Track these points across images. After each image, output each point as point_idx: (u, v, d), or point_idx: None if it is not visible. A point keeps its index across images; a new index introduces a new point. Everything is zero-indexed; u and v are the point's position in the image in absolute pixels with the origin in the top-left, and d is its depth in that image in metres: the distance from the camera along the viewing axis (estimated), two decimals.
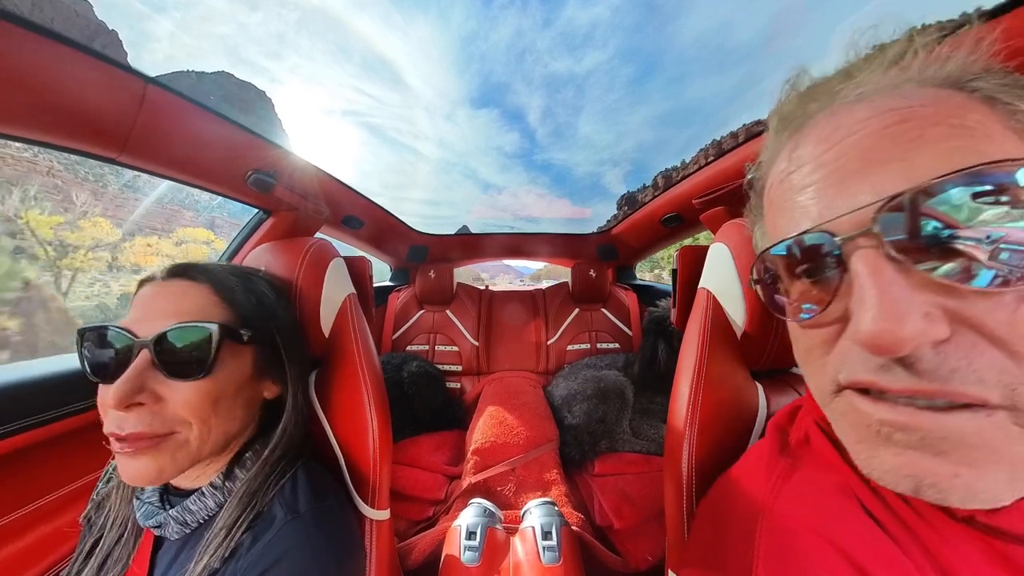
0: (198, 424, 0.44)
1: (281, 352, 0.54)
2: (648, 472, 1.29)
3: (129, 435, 0.41)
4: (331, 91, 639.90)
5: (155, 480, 0.43)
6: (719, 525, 0.41)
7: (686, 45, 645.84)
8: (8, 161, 33.15)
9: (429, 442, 1.50)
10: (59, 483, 0.76)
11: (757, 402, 0.59)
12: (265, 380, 0.54)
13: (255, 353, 0.52)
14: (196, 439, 0.44)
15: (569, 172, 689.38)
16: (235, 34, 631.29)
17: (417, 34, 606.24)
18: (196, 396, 0.44)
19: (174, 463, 0.43)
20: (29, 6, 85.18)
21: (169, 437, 0.43)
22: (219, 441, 0.48)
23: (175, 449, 0.43)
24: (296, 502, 0.48)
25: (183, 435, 0.44)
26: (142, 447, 0.41)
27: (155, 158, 0.86)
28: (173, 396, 0.43)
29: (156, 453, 0.42)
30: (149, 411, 0.42)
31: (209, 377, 0.45)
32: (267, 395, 0.55)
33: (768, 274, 0.33)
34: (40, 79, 0.61)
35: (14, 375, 0.73)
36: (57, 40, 0.59)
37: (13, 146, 7.18)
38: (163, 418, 0.42)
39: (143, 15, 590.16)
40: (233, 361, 0.48)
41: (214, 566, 0.43)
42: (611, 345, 2.07)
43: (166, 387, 0.43)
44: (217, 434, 0.47)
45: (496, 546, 0.90)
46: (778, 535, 0.33)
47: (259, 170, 1.04)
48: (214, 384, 0.45)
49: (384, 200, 1.58)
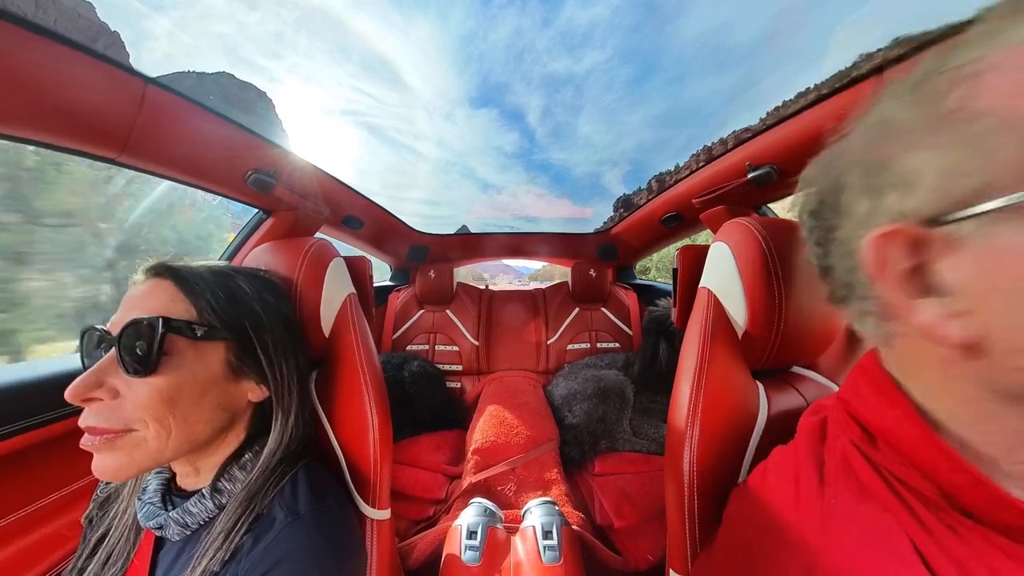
0: (153, 424, 0.43)
1: (257, 351, 0.51)
2: (648, 471, 1.29)
3: (87, 428, 0.42)
4: (330, 90, 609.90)
5: (116, 476, 0.44)
6: (755, 551, 0.38)
7: (685, 45, 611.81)
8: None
9: (429, 442, 1.50)
10: (60, 483, 0.77)
11: (758, 402, 0.59)
12: (245, 381, 0.51)
13: (227, 351, 0.49)
14: (154, 439, 0.43)
15: (568, 172, 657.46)
16: (234, 33, 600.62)
17: (416, 33, 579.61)
18: (149, 394, 0.43)
19: (132, 461, 0.43)
20: (33, 7, 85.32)
21: (126, 435, 0.43)
22: (183, 444, 0.46)
23: (132, 448, 0.43)
24: (296, 503, 0.48)
25: (140, 433, 0.43)
26: (101, 443, 0.42)
27: (155, 158, 0.86)
28: (129, 393, 0.43)
29: (113, 450, 0.43)
30: (106, 406, 0.42)
31: (160, 375, 0.43)
32: (252, 398, 0.52)
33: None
34: (40, 79, 0.61)
35: (15, 375, 0.73)
36: (57, 40, 0.59)
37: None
38: (119, 415, 0.42)
39: (142, 14, 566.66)
40: (195, 359, 0.46)
41: (214, 569, 0.42)
42: (611, 345, 2.07)
43: (125, 384, 0.43)
44: (179, 436, 0.45)
45: (497, 545, 0.91)
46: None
47: (259, 170, 1.04)
48: (167, 382, 0.44)
49: (383, 200, 1.58)
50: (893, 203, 0.28)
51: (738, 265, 0.59)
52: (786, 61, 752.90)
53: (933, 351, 0.29)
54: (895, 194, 0.28)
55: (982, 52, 0.24)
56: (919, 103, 0.26)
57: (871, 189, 0.30)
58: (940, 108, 0.25)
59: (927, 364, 0.30)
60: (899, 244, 0.27)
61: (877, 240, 0.28)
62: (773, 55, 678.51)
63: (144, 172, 0.89)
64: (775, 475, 0.42)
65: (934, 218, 0.25)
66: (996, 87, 0.22)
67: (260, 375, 0.52)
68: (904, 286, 0.28)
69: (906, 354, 0.33)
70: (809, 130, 0.90)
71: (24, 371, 0.75)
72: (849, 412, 0.38)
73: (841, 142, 0.35)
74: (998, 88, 0.22)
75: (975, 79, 0.23)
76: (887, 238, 0.27)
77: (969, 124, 0.23)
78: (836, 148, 0.35)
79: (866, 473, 0.34)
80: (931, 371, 0.30)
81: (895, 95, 0.29)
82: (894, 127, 0.28)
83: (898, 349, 0.33)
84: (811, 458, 0.38)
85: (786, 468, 0.41)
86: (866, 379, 0.37)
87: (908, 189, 0.27)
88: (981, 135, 0.23)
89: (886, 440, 0.34)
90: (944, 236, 0.25)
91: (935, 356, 0.29)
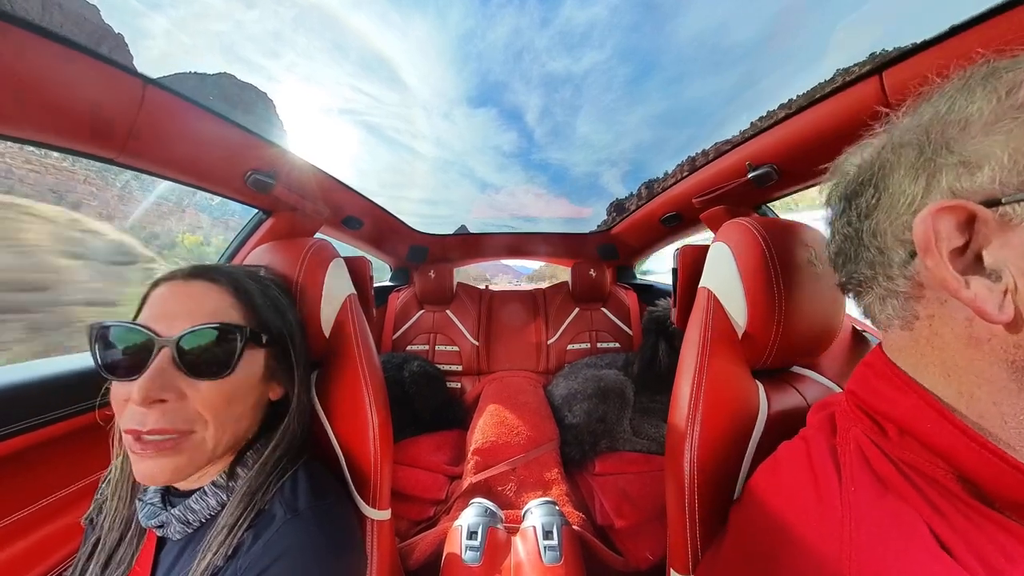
0: (214, 423, 0.45)
1: (291, 355, 0.55)
2: (649, 471, 1.29)
3: (151, 430, 0.42)
4: (328, 89, 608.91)
5: (171, 479, 0.44)
6: (776, 542, 0.38)
7: (684, 45, 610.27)
8: (51, 171, 34.17)
9: (430, 442, 1.50)
10: (61, 484, 0.76)
11: (758, 401, 0.59)
12: (272, 382, 0.55)
13: (267, 356, 0.53)
14: (212, 438, 0.46)
15: (567, 172, 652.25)
16: (231, 31, 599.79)
17: (415, 32, 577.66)
18: (216, 395, 0.45)
19: (191, 462, 0.45)
20: (39, 11, 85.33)
21: (188, 436, 0.44)
22: (230, 441, 0.49)
23: (193, 449, 0.45)
24: (296, 500, 0.48)
25: (199, 435, 0.45)
26: (164, 447, 0.43)
27: (154, 158, 0.86)
28: (194, 394, 0.44)
29: (175, 453, 0.43)
30: (172, 408, 0.43)
31: (230, 377, 0.46)
32: (272, 396, 0.56)
33: None
34: (39, 79, 0.61)
35: (16, 375, 0.73)
36: (56, 41, 0.59)
37: (52, 155, 7.29)
38: (184, 415, 0.44)
39: (139, 12, 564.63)
40: (248, 362, 0.49)
41: (217, 564, 0.43)
42: (611, 344, 2.07)
43: (188, 385, 0.44)
44: (229, 434, 0.48)
45: (497, 546, 0.91)
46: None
47: (258, 170, 1.04)
48: (231, 385, 0.47)
49: (382, 199, 1.58)
50: (952, 181, 0.29)
51: (738, 265, 0.59)
52: (785, 61, 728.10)
53: (958, 330, 0.30)
54: (955, 173, 0.29)
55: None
56: (991, 94, 0.28)
57: (928, 168, 0.31)
58: (1012, 99, 0.27)
59: (949, 343, 0.31)
60: (952, 220, 0.28)
61: (934, 214, 0.29)
62: (772, 55, 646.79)
63: (144, 172, 0.89)
64: (788, 469, 0.42)
65: (994, 199, 0.27)
66: None
67: (285, 376, 0.55)
68: (953, 262, 0.29)
69: (925, 335, 0.33)
70: (808, 130, 0.90)
71: (25, 371, 0.75)
72: (859, 405, 0.39)
73: (890, 129, 0.36)
74: None
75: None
76: (944, 212, 0.28)
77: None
78: (882, 135, 0.37)
79: (880, 463, 0.35)
80: (952, 350, 0.31)
81: (963, 88, 0.31)
82: (961, 113, 0.30)
83: (916, 331, 0.34)
84: (825, 451, 0.39)
85: (799, 461, 0.41)
86: (874, 373, 0.38)
87: (971, 169, 0.28)
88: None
89: (901, 428, 0.34)
90: (1000, 216, 0.27)
91: (959, 335, 0.30)
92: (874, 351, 0.40)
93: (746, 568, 0.40)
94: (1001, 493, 0.29)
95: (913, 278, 0.33)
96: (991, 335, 0.29)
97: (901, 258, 0.33)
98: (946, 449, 0.31)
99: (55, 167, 46.91)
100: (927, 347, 0.33)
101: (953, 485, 0.31)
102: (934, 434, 0.32)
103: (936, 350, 0.33)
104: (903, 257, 0.33)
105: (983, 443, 0.29)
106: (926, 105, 0.33)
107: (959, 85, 0.31)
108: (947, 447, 0.31)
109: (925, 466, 0.32)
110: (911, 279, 0.33)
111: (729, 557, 0.44)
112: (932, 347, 0.33)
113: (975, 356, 0.30)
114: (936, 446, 0.32)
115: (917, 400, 0.33)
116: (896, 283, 0.34)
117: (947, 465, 0.32)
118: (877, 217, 0.35)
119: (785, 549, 0.36)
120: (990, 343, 0.29)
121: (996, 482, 0.29)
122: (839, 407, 0.42)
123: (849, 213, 0.38)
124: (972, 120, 0.29)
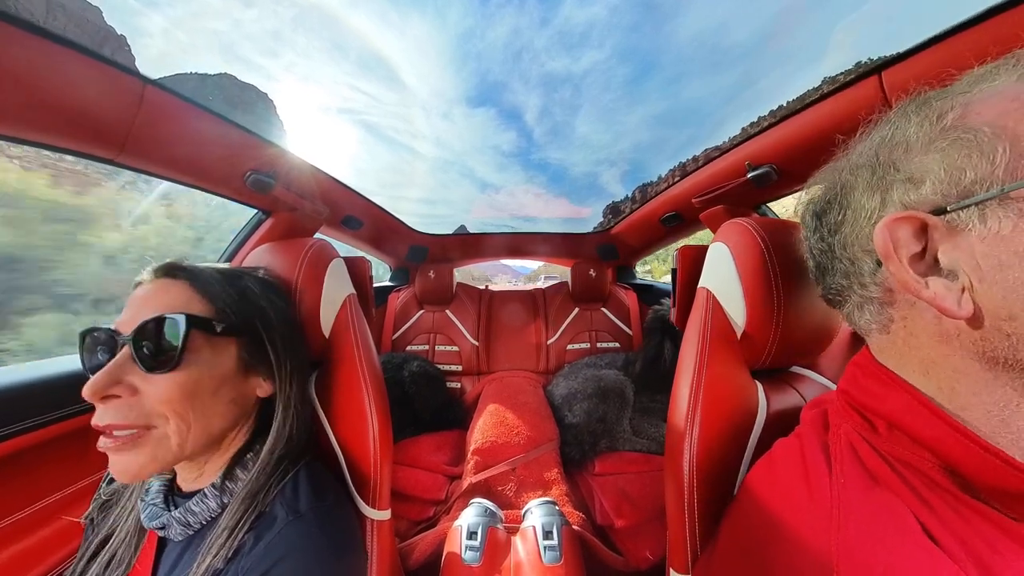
0: (175, 418, 0.44)
1: (267, 347, 0.54)
2: (648, 471, 1.29)
3: (107, 425, 0.42)
4: (327, 89, 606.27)
5: (138, 476, 0.44)
6: (769, 537, 0.38)
7: (683, 45, 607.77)
8: (65, 174, 34.92)
9: (429, 442, 1.50)
10: (61, 484, 0.76)
11: (757, 401, 0.59)
12: (255, 377, 0.53)
13: (239, 347, 0.51)
14: (175, 434, 0.45)
15: (566, 172, 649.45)
16: (230, 31, 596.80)
17: (413, 32, 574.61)
18: (170, 389, 0.44)
19: (155, 459, 0.44)
20: (44, 13, 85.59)
21: (148, 432, 0.44)
22: (201, 438, 0.47)
23: (155, 445, 0.44)
24: (297, 502, 0.48)
25: (161, 430, 0.44)
26: (123, 442, 0.43)
27: (154, 159, 0.86)
28: (148, 389, 0.44)
29: (136, 449, 0.43)
30: (126, 403, 0.43)
31: (181, 370, 0.45)
32: (260, 393, 0.54)
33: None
34: (39, 79, 0.61)
35: (16, 376, 0.73)
36: (55, 41, 0.59)
37: (66, 159, 7.48)
38: (139, 411, 0.43)
39: (136, 11, 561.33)
40: (211, 355, 0.48)
41: (217, 566, 0.43)
42: (611, 344, 2.07)
43: (143, 380, 0.44)
44: (198, 430, 0.46)
45: (497, 546, 0.91)
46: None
47: (258, 170, 1.04)
48: (188, 377, 0.45)
49: (381, 199, 1.58)
50: (902, 195, 0.33)
51: (737, 266, 0.59)
52: (785, 61, 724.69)
53: (930, 329, 0.33)
54: (903, 188, 0.33)
55: (970, 89, 0.32)
56: (924, 120, 0.33)
57: (881, 186, 0.35)
58: (942, 123, 0.32)
59: (924, 342, 0.34)
60: (908, 229, 0.32)
61: (890, 224, 0.32)
62: (771, 55, 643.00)
63: (143, 172, 0.89)
64: (782, 464, 0.44)
65: (940, 208, 0.31)
66: (983, 111, 0.30)
67: (268, 371, 0.54)
68: (913, 266, 0.32)
69: (902, 337, 0.36)
70: (807, 130, 0.90)
71: (24, 372, 0.75)
72: (850, 403, 0.40)
73: (848, 154, 0.41)
74: (984, 112, 0.30)
75: (966, 105, 0.31)
76: (898, 222, 0.32)
77: (965, 133, 0.30)
78: (842, 159, 0.41)
79: (870, 458, 0.36)
80: (927, 348, 0.34)
81: (901, 115, 0.36)
82: (902, 136, 0.34)
83: (893, 333, 0.37)
84: (817, 446, 0.40)
85: (793, 457, 0.42)
86: (862, 372, 0.40)
87: (916, 184, 0.32)
88: (975, 141, 0.29)
89: (890, 423, 0.36)
90: (947, 223, 0.31)
91: (932, 333, 0.33)
92: (862, 352, 0.42)
93: (742, 562, 0.41)
94: (985, 482, 0.31)
95: (883, 284, 0.36)
96: (958, 331, 0.31)
97: (870, 267, 0.37)
98: (932, 441, 0.33)
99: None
100: (905, 347, 0.36)
101: (940, 477, 0.33)
102: (921, 427, 0.34)
103: (913, 349, 0.35)
104: (871, 266, 0.36)
105: (966, 432, 0.31)
106: (875, 131, 0.38)
107: (899, 112, 0.36)
108: (933, 439, 0.33)
109: (913, 459, 0.34)
110: (881, 285, 0.36)
111: (725, 552, 0.45)
112: (909, 347, 0.35)
113: (948, 352, 0.32)
114: (923, 438, 0.34)
115: (903, 395, 0.35)
116: (869, 290, 0.37)
117: (933, 457, 0.33)
118: (844, 231, 0.39)
119: (778, 543, 0.37)
120: (959, 338, 0.31)
121: (980, 471, 0.31)
122: (832, 405, 0.44)
123: (821, 230, 0.42)
124: (912, 142, 0.33)
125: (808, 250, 0.45)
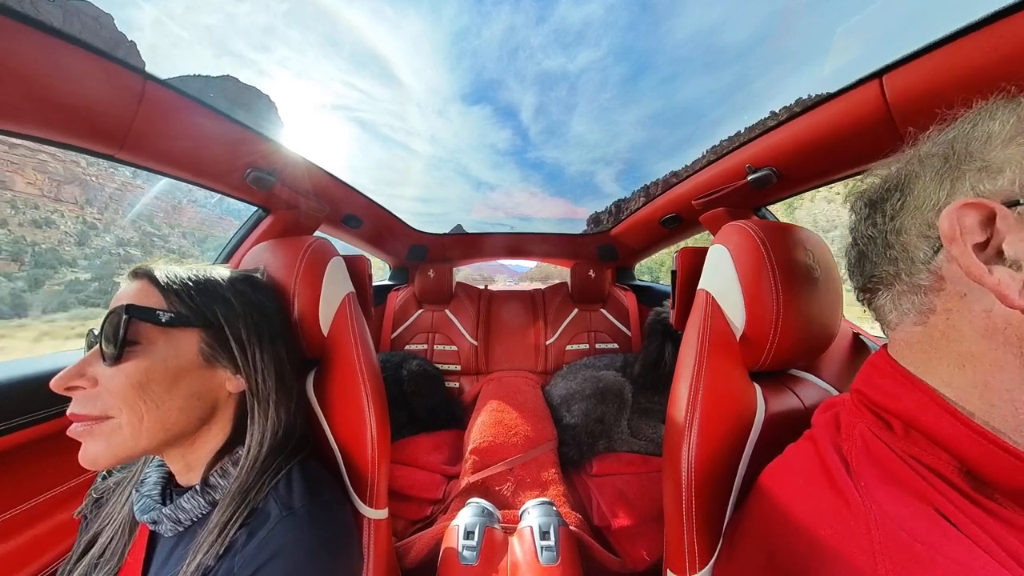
0: (126, 410, 0.45)
1: (229, 339, 0.52)
2: (646, 472, 1.29)
3: (72, 415, 0.45)
4: (321, 85, 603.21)
5: (95, 463, 0.45)
6: (790, 555, 0.38)
7: (679, 44, 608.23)
8: (89, 172, 34.87)
9: (427, 442, 1.49)
10: (56, 481, 0.76)
11: (755, 403, 0.59)
12: (220, 370, 0.52)
13: (200, 339, 0.50)
14: (127, 425, 0.45)
15: (562, 171, 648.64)
16: (222, 25, 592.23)
17: (408, 28, 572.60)
18: (119, 380, 0.45)
19: (109, 448, 0.45)
20: (60, 19, 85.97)
21: (103, 422, 0.45)
22: (157, 431, 0.46)
23: (109, 434, 0.45)
24: (291, 498, 0.48)
25: (116, 420, 0.45)
26: (83, 430, 0.45)
27: (154, 155, 0.86)
28: (105, 381, 0.45)
29: (92, 436, 0.45)
30: (86, 394, 0.45)
31: (129, 360, 0.45)
32: (230, 388, 0.52)
33: None
34: (39, 74, 0.61)
35: (11, 371, 0.73)
36: (56, 36, 0.59)
37: (84, 159, 7.33)
38: (96, 402, 0.45)
39: (127, 2, 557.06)
40: (165, 346, 0.48)
41: (208, 563, 0.43)
42: (610, 345, 2.08)
43: (102, 373, 0.45)
44: (152, 422, 0.46)
45: (494, 546, 0.90)
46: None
47: (258, 168, 1.04)
48: (136, 368, 0.46)
49: (376, 197, 1.59)
50: (975, 183, 0.33)
51: (737, 268, 0.59)
52: (782, 63, 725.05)
53: (976, 322, 0.33)
54: (977, 176, 0.33)
55: None
56: (1011, 114, 0.34)
57: (952, 174, 0.35)
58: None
59: (966, 335, 0.34)
60: (976, 216, 0.32)
61: (960, 208, 0.33)
62: (768, 57, 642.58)
63: (143, 168, 0.88)
64: (800, 468, 0.43)
65: (1014, 200, 0.31)
66: None
67: (234, 364, 0.52)
68: (976, 253, 0.33)
69: (940, 329, 0.36)
70: (808, 134, 0.90)
71: (18, 368, 0.75)
72: (864, 403, 0.41)
73: (919, 145, 0.41)
74: None
75: None
76: (968, 208, 0.32)
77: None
78: (909, 151, 0.41)
79: (887, 457, 0.37)
80: (969, 342, 0.34)
81: (985, 111, 0.36)
82: (984, 129, 0.35)
83: (931, 325, 0.37)
84: (832, 449, 0.41)
85: (810, 460, 0.43)
86: (878, 372, 0.41)
87: (992, 173, 0.33)
88: None
89: (907, 424, 0.37)
90: (1019, 215, 0.31)
91: (978, 326, 0.33)
92: (879, 352, 0.42)
93: (769, 568, 0.41)
94: (1003, 482, 0.32)
95: (935, 271, 0.36)
96: (1007, 324, 0.31)
97: (925, 254, 0.37)
98: (949, 440, 0.33)
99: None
100: (942, 340, 0.36)
101: (957, 479, 0.33)
102: (937, 427, 0.34)
103: (952, 343, 0.35)
104: (927, 253, 0.37)
105: (983, 432, 0.32)
106: (950, 128, 0.38)
107: (982, 110, 0.36)
108: (950, 438, 0.33)
109: (929, 459, 0.35)
110: (933, 272, 0.36)
111: (747, 560, 0.44)
112: (948, 340, 0.35)
113: (991, 347, 0.32)
114: (940, 438, 0.34)
115: (920, 395, 0.36)
116: (918, 277, 0.37)
117: (950, 457, 0.34)
118: (902, 218, 0.38)
119: (812, 549, 0.36)
120: (1005, 332, 0.32)
121: (998, 471, 0.31)
122: (844, 407, 0.44)
123: (874, 216, 0.42)
124: (994, 134, 0.33)
125: (853, 239, 0.45)
